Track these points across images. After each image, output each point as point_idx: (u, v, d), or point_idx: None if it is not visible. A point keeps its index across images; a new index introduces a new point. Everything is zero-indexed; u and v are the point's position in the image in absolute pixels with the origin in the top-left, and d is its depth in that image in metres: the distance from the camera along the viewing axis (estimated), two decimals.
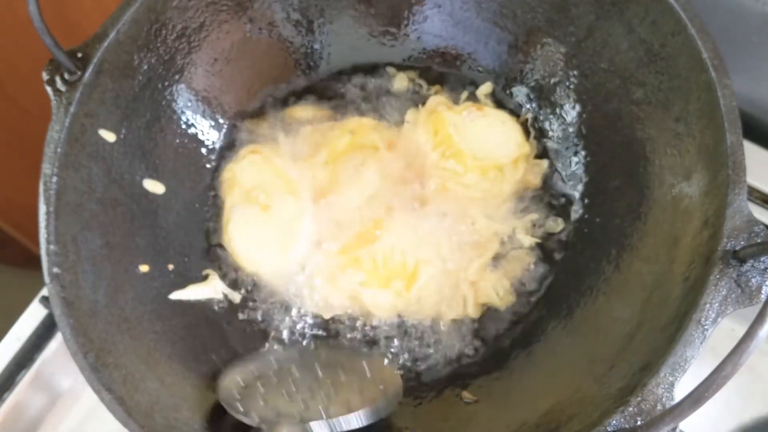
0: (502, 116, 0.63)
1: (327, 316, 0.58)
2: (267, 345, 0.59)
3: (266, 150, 0.64)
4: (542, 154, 0.63)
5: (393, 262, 0.58)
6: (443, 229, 0.59)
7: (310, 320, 0.59)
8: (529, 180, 0.61)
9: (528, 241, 0.59)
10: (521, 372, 0.53)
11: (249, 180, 0.62)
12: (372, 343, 0.58)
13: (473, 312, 0.57)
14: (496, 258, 0.59)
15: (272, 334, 0.59)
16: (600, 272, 0.53)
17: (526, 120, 0.64)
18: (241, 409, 0.46)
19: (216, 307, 0.60)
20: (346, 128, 0.64)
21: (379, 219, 0.60)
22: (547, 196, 0.61)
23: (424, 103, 0.65)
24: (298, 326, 0.59)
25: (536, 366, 0.52)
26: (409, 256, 0.58)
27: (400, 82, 0.67)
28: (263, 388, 0.49)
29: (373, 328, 0.58)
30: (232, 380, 0.51)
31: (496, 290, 0.57)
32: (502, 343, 0.56)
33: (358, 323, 0.58)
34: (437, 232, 0.59)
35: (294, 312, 0.59)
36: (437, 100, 0.65)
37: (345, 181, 0.61)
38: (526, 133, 0.63)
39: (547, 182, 0.61)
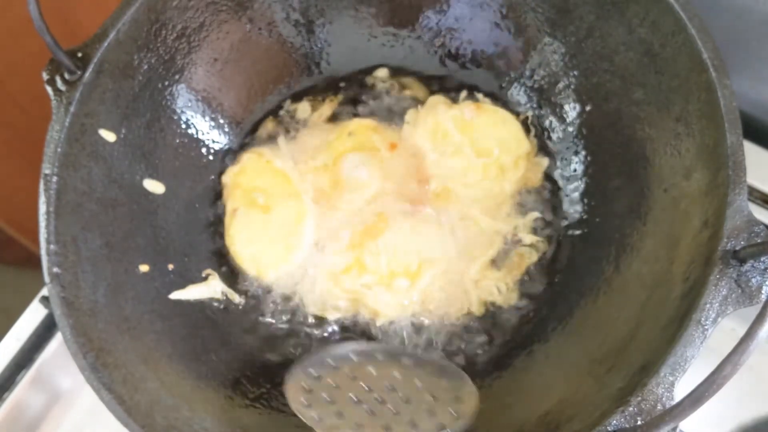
0: (503, 114, 0.63)
1: (330, 318, 0.58)
2: (260, 340, 0.59)
3: (267, 152, 0.64)
4: (542, 153, 0.63)
5: (396, 262, 0.58)
6: (445, 228, 0.59)
7: (312, 321, 0.59)
8: (530, 178, 0.61)
9: (529, 239, 0.59)
10: (521, 372, 0.53)
11: (250, 182, 0.62)
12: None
13: (477, 310, 0.57)
14: (499, 257, 0.59)
15: (273, 335, 0.59)
16: (600, 272, 0.53)
17: (526, 118, 0.64)
18: (305, 403, 0.44)
19: (216, 307, 0.60)
20: (346, 130, 0.64)
21: (383, 213, 0.60)
22: (548, 195, 0.61)
23: (423, 104, 0.65)
24: (301, 327, 0.59)
25: (537, 366, 0.52)
26: (412, 256, 0.58)
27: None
28: (334, 383, 0.47)
29: (377, 328, 0.58)
30: (304, 371, 0.47)
31: (499, 288, 0.57)
32: (503, 343, 0.56)
33: (363, 324, 0.58)
34: (440, 232, 0.59)
35: (296, 313, 0.59)
36: (437, 99, 0.65)
37: (346, 183, 0.61)
38: (526, 131, 0.63)
39: (547, 181, 0.61)
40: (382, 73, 0.68)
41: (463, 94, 0.66)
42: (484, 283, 0.58)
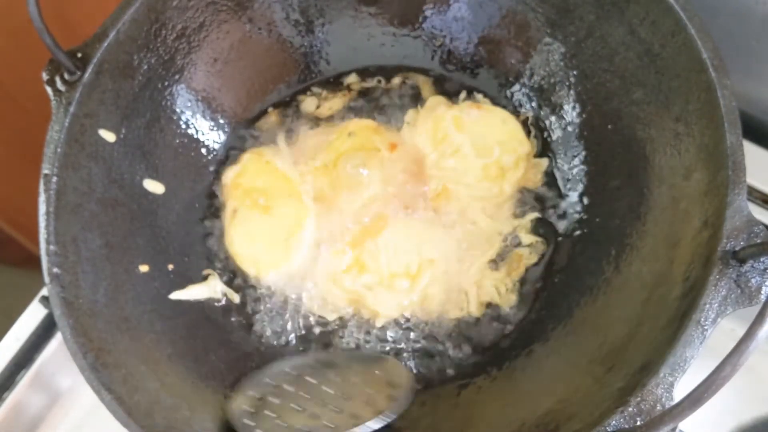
0: (502, 115, 0.63)
1: (330, 318, 0.58)
2: (260, 341, 0.59)
3: (267, 152, 0.64)
4: (542, 153, 0.63)
5: (396, 263, 0.58)
6: (445, 229, 0.59)
7: (313, 321, 0.59)
8: (530, 179, 0.61)
9: (529, 239, 0.59)
10: (521, 372, 0.53)
11: (250, 182, 0.62)
12: (376, 343, 0.57)
13: (476, 311, 0.57)
14: (498, 257, 0.59)
15: (273, 336, 0.59)
16: (600, 272, 0.53)
17: (526, 119, 0.64)
18: (252, 424, 0.46)
19: (216, 307, 0.60)
20: (346, 130, 0.64)
21: (382, 213, 0.60)
22: (548, 196, 0.61)
23: (423, 104, 0.65)
24: (301, 327, 0.59)
25: (536, 366, 0.52)
26: (412, 256, 0.58)
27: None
28: (277, 400, 0.49)
29: (377, 328, 0.58)
30: (245, 395, 0.51)
31: (498, 289, 0.57)
32: (502, 343, 0.56)
33: (362, 324, 0.58)
34: (439, 233, 0.59)
35: (296, 313, 0.59)
36: (437, 100, 0.65)
37: (346, 183, 0.61)
38: (526, 131, 0.63)
39: (547, 182, 0.61)
40: (382, 73, 0.68)
41: (463, 94, 0.66)
42: (483, 283, 0.58)
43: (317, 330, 0.58)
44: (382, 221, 0.59)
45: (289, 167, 0.63)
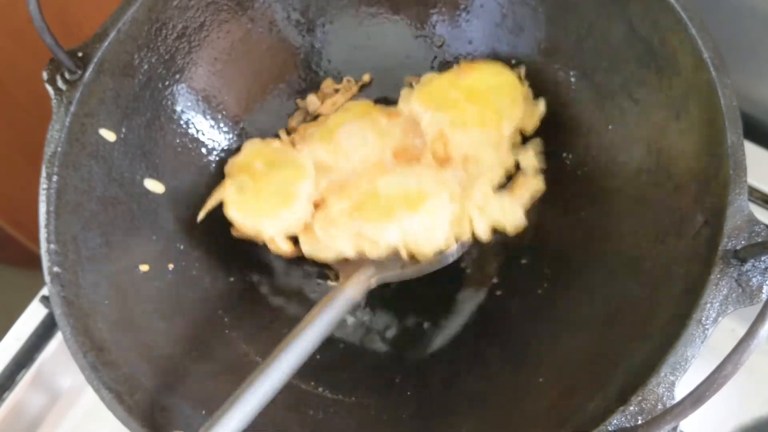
0: (496, 67, 0.61)
1: (331, 258, 0.57)
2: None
3: (267, 140, 0.63)
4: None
5: (396, 196, 0.55)
6: (446, 171, 0.57)
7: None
8: (527, 124, 0.60)
9: (532, 163, 0.58)
10: (521, 371, 0.53)
11: (249, 159, 0.61)
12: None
13: (483, 235, 0.55)
14: (502, 186, 0.57)
15: (273, 335, 0.59)
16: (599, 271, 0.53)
17: (519, 75, 0.62)
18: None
19: (216, 307, 0.60)
20: (342, 109, 0.63)
21: (381, 163, 0.58)
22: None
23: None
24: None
25: (536, 365, 0.52)
26: (412, 189, 0.55)
27: None
28: None
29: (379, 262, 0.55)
30: None
31: (505, 212, 0.55)
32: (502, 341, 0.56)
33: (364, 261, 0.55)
34: (440, 174, 0.57)
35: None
36: (431, 75, 0.64)
37: (344, 147, 0.59)
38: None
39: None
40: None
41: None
42: (489, 208, 0.55)
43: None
44: (382, 168, 0.58)
45: (288, 146, 0.62)
